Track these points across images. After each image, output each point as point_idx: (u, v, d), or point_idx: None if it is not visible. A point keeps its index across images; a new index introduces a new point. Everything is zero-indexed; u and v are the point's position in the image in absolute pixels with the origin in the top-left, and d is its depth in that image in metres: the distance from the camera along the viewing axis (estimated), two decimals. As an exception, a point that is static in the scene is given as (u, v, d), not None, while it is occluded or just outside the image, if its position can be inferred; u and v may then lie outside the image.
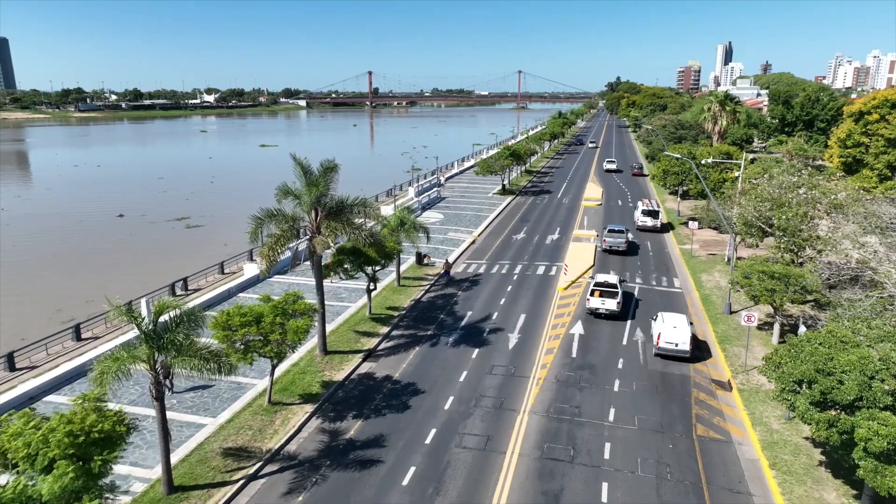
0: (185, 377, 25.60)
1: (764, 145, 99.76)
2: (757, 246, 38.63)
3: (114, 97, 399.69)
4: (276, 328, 23.38)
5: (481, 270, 46.18)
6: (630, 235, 53.47)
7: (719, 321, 35.69)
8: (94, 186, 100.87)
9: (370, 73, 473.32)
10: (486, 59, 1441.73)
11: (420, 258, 46.84)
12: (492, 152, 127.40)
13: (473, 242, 54.97)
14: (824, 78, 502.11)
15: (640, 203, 62.73)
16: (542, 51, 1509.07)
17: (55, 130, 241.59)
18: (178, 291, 43.60)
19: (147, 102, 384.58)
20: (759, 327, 33.88)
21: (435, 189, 76.18)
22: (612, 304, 36.04)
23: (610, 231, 51.04)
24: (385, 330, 34.53)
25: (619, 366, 30.04)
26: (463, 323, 35.67)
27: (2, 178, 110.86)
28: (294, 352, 24.98)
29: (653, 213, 58.23)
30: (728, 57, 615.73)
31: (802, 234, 33.10)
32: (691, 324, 31.71)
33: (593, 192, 79.51)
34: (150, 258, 57.43)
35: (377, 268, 35.17)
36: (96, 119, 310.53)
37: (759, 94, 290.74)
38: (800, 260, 33.97)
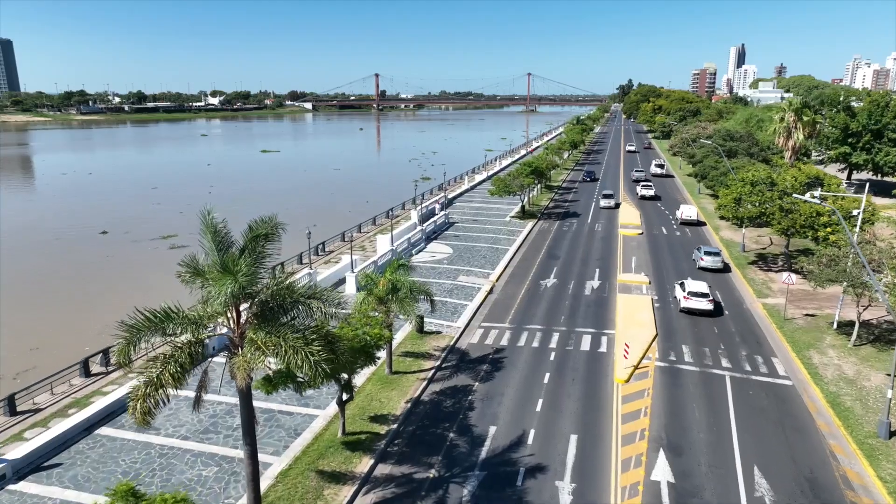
0: None
1: (821, 157, 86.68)
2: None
3: (117, 99, 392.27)
4: None
5: (504, 342, 33.96)
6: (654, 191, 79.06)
7: (878, 454, 23.20)
8: (84, 197, 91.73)
9: (377, 75, 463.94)
10: (494, 61, 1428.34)
11: (422, 325, 34.69)
12: (506, 161, 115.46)
13: (491, 291, 42.73)
14: (841, 80, 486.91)
15: (653, 160, 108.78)
16: (550, 53, 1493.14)
17: (56, 134, 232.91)
18: (97, 368, 32.28)
19: (150, 105, 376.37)
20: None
21: (441, 214, 63.87)
22: (650, 192, 74.72)
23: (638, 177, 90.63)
24: (363, 467, 22.43)
25: (752, 568, 17.84)
26: (483, 453, 23.46)
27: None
28: None
29: (661, 165, 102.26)
30: (741, 59, 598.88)
31: None
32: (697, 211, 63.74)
33: (630, 216, 66.88)
34: (117, 290, 47.38)
35: (356, 369, 23.23)
36: (98, 122, 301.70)
37: (782, 98, 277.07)
38: None
